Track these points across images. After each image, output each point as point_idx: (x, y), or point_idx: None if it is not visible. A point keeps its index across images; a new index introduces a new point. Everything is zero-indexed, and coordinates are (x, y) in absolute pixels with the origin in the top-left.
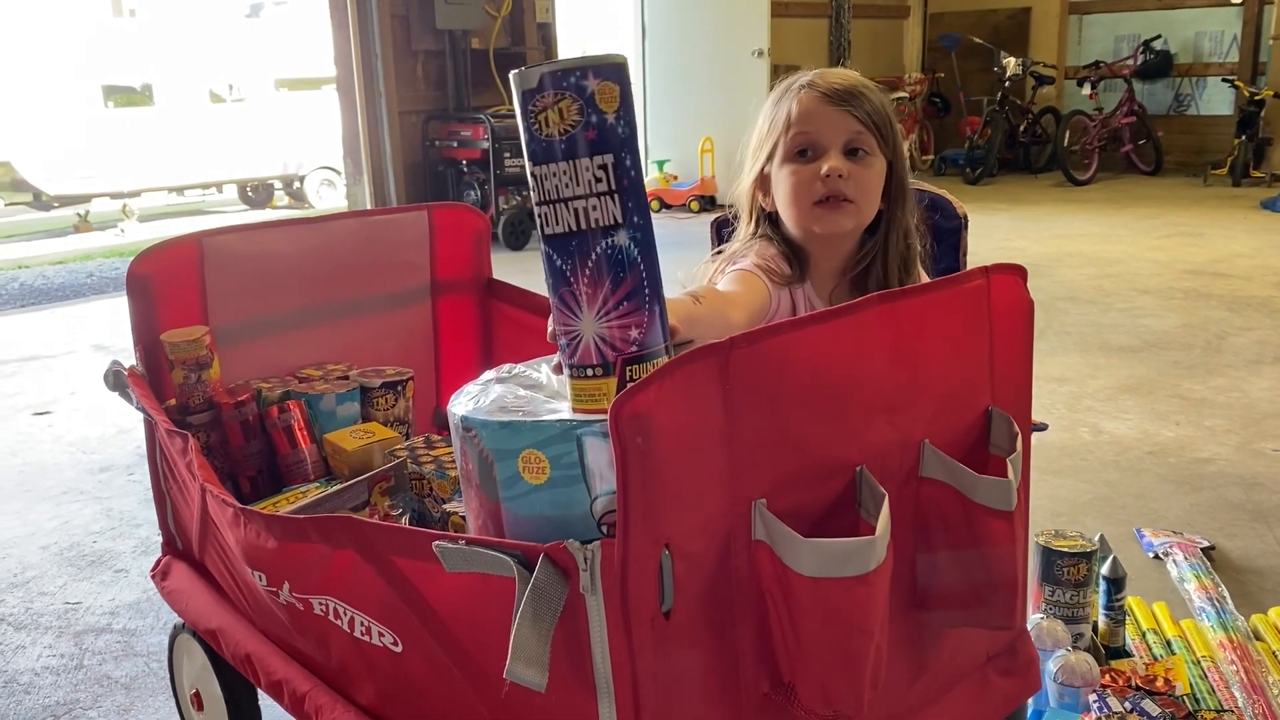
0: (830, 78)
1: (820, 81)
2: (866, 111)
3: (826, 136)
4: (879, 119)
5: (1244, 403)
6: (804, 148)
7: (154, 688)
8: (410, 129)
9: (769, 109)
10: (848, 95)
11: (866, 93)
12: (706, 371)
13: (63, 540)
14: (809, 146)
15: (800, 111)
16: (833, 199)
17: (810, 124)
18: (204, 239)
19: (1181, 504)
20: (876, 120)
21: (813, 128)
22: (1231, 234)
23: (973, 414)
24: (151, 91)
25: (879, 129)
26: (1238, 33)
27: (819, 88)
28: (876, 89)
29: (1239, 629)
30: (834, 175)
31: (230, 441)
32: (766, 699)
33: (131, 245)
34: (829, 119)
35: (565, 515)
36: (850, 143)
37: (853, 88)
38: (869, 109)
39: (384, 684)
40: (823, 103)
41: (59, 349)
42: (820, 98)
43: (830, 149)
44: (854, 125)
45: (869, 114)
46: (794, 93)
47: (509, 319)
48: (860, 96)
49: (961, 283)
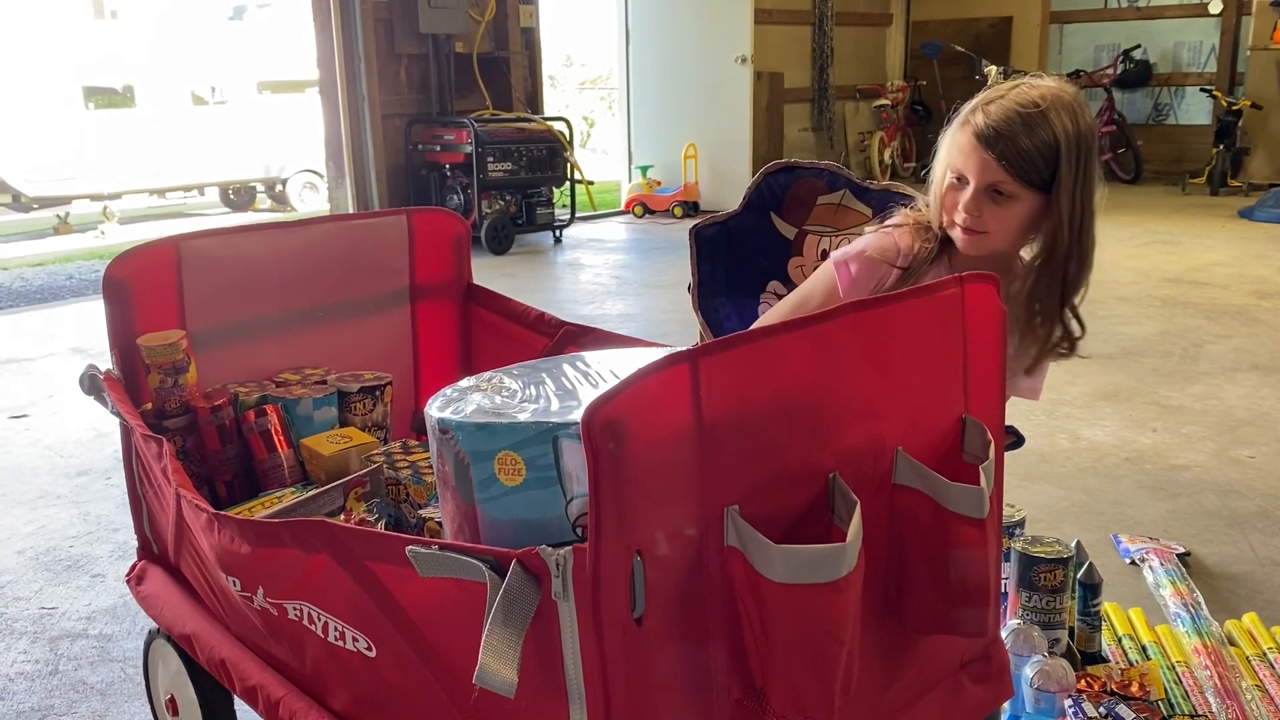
0: (991, 113)
1: (978, 118)
2: (1017, 152)
3: (972, 173)
4: (1029, 159)
5: (1220, 410)
6: (959, 176)
7: (129, 693)
8: (393, 132)
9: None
10: (995, 138)
11: (1019, 133)
12: (678, 378)
13: (39, 545)
14: (960, 177)
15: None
16: (968, 229)
17: (962, 162)
18: (181, 242)
19: (1158, 510)
20: (1026, 161)
21: (963, 166)
22: (1209, 243)
23: (946, 421)
24: (133, 93)
25: (1025, 170)
26: (1216, 43)
27: (974, 125)
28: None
29: (1213, 634)
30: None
31: (206, 446)
32: (739, 704)
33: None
34: (975, 160)
35: (540, 518)
36: (992, 185)
37: (1003, 128)
38: (1021, 149)
39: (358, 689)
40: (975, 142)
41: (37, 351)
42: (973, 137)
43: (973, 185)
44: (996, 173)
45: (1019, 155)
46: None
47: (488, 325)
48: (1006, 138)
49: (935, 291)
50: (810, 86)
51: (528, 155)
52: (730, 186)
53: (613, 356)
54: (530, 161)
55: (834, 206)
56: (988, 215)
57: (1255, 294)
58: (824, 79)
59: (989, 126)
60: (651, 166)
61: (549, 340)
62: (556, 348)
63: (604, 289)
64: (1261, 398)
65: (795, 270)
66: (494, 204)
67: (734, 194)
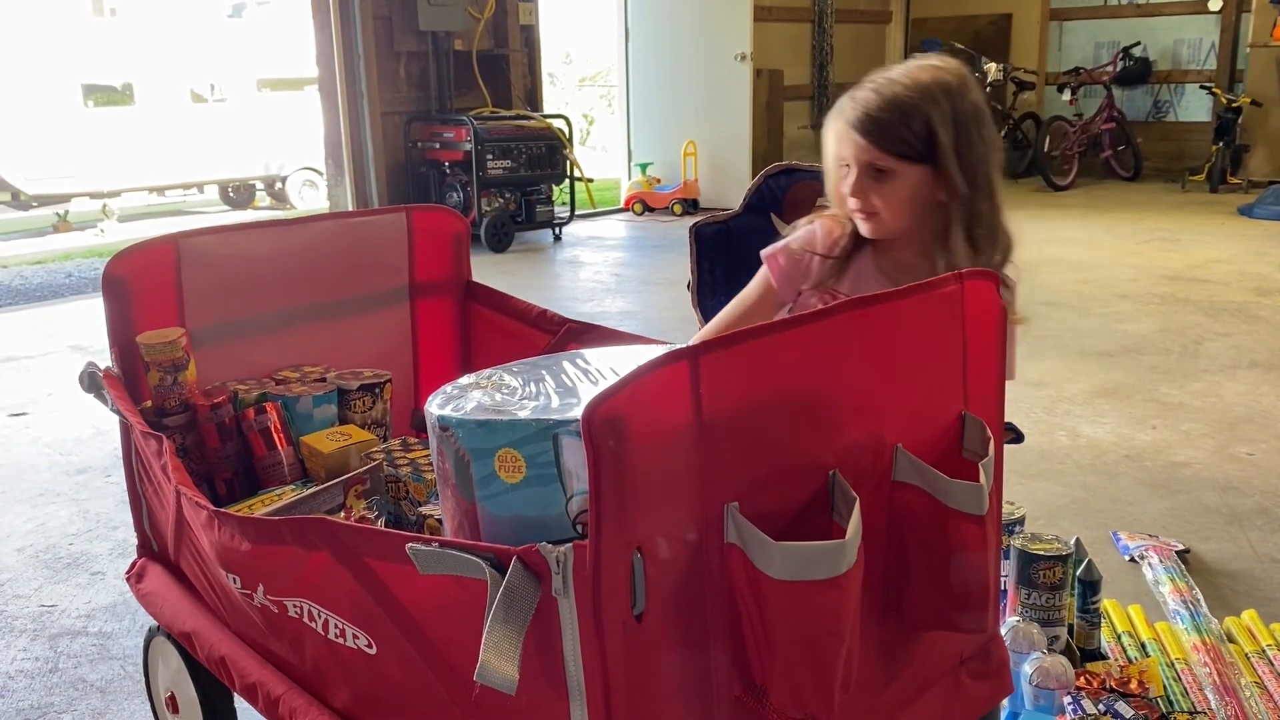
0: (857, 98)
1: (845, 104)
2: (882, 128)
3: (850, 158)
4: (895, 133)
5: (1220, 407)
6: (844, 164)
7: (129, 691)
8: (392, 130)
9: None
10: (860, 119)
11: (882, 110)
12: (678, 375)
13: (38, 542)
14: (844, 164)
15: (835, 136)
16: (860, 212)
17: (841, 149)
18: (181, 240)
19: (1157, 507)
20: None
21: (843, 153)
22: (1209, 240)
23: (946, 418)
24: (132, 91)
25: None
26: (1215, 40)
27: (843, 111)
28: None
29: (1213, 631)
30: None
31: (206, 444)
32: (738, 701)
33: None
34: (849, 144)
35: (541, 515)
36: (870, 165)
37: (868, 107)
38: (884, 123)
39: (358, 686)
40: (846, 127)
41: (36, 349)
42: (843, 123)
43: (853, 168)
44: (868, 151)
45: (884, 130)
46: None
47: (488, 322)
48: (871, 117)
49: (935, 288)
50: (810, 84)
51: (527, 153)
52: (730, 184)
53: (613, 354)
54: (530, 159)
55: None
56: (874, 196)
57: (1255, 291)
58: (824, 76)
59: (854, 108)
60: (651, 164)
61: (550, 338)
62: (558, 345)
63: (603, 286)
64: (1261, 395)
65: None
66: (493, 202)
67: (734, 191)
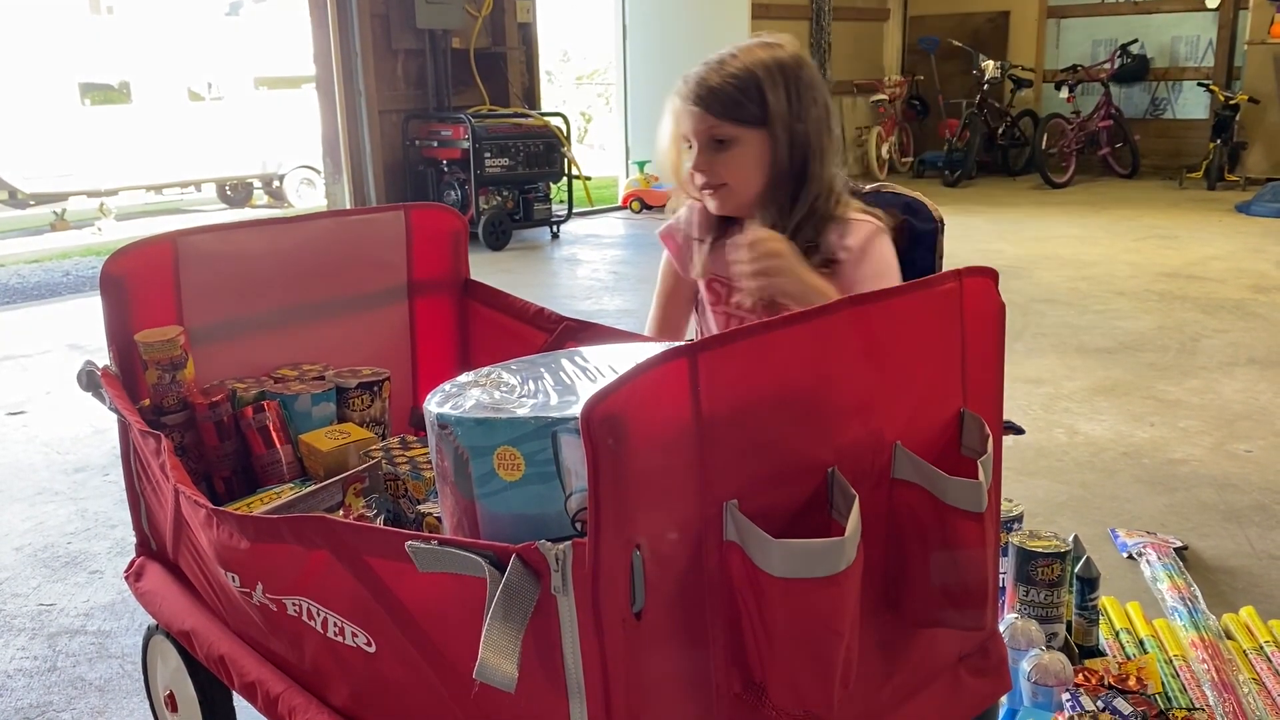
0: (690, 76)
1: (680, 83)
2: (715, 94)
3: (690, 131)
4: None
5: (1217, 404)
6: (686, 142)
7: (128, 690)
8: (390, 128)
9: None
10: (694, 89)
11: (714, 78)
12: (677, 373)
13: (36, 541)
14: (687, 142)
15: (673, 115)
16: (707, 186)
17: (680, 126)
18: (179, 238)
19: (1155, 504)
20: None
21: (683, 129)
22: (1206, 237)
23: (945, 416)
24: (129, 89)
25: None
26: (1213, 37)
27: (679, 91)
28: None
29: (1211, 628)
30: (699, 169)
31: (205, 442)
32: (738, 699)
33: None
34: (687, 117)
35: (540, 512)
36: (709, 135)
37: (701, 77)
38: (717, 89)
39: (358, 685)
40: (683, 102)
41: (34, 348)
42: (679, 98)
43: (695, 142)
44: (706, 120)
45: (717, 96)
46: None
47: (486, 320)
48: (704, 85)
49: (934, 285)
50: None
51: (525, 151)
52: None
53: (611, 352)
54: (528, 157)
55: None
56: (719, 168)
57: (1252, 288)
58: (822, 74)
59: (688, 82)
60: (649, 162)
61: (548, 335)
62: (556, 343)
63: (601, 284)
64: (1259, 392)
65: None
66: (491, 200)
67: None
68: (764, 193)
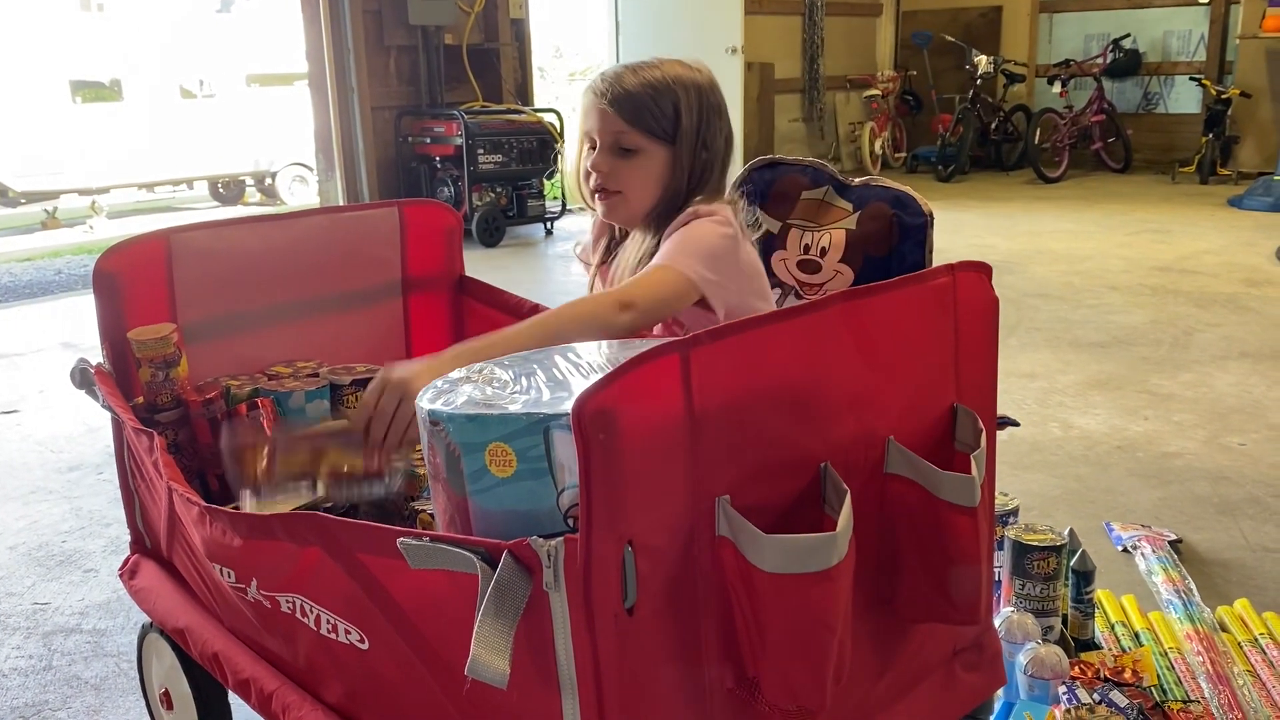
0: (608, 75)
1: (595, 79)
2: (631, 100)
3: (596, 130)
4: (644, 106)
5: (1210, 398)
6: (590, 141)
7: (124, 688)
8: (383, 125)
9: None
10: (608, 88)
11: (630, 82)
12: (669, 369)
13: (31, 540)
14: (590, 141)
15: (582, 111)
16: (601, 189)
17: (587, 123)
18: (172, 236)
19: (1149, 498)
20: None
21: (589, 127)
22: (1199, 231)
23: (938, 410)
24: (120, 87)
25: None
26: (1205, 32)
27: (595, 87)
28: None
29: (1205, 621)
30: (596, 169)
31: (198, 440)
32: (731, 694)
33: (100, 242)
34: (595, 116)
35: (532, 509)
36: (616, 139)
37: (617, 78)
38: (633, 95)
39: (351, 682)
40: (594, 99)
41: (26, 347)
42: (591, 94)
43: (599, 142)
44: (615, 122)
45: (632, 102)
46: (583, 92)
47: (481, 317)
48: (619, 87)
49: (927, 280)
50: (801, 77)
51: (518, 147)
52: None
53: (603, 347)
54: (521, 153)
55: (816, 202)
56: (621, 174)
57: (1245, 282)
58: (815, 69)
59: (606, 83)
60: None
61: None
62: None
63: None
64: (1251, 385)
65: (778, 263)
66: (485, 196)
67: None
68: (653, 208)
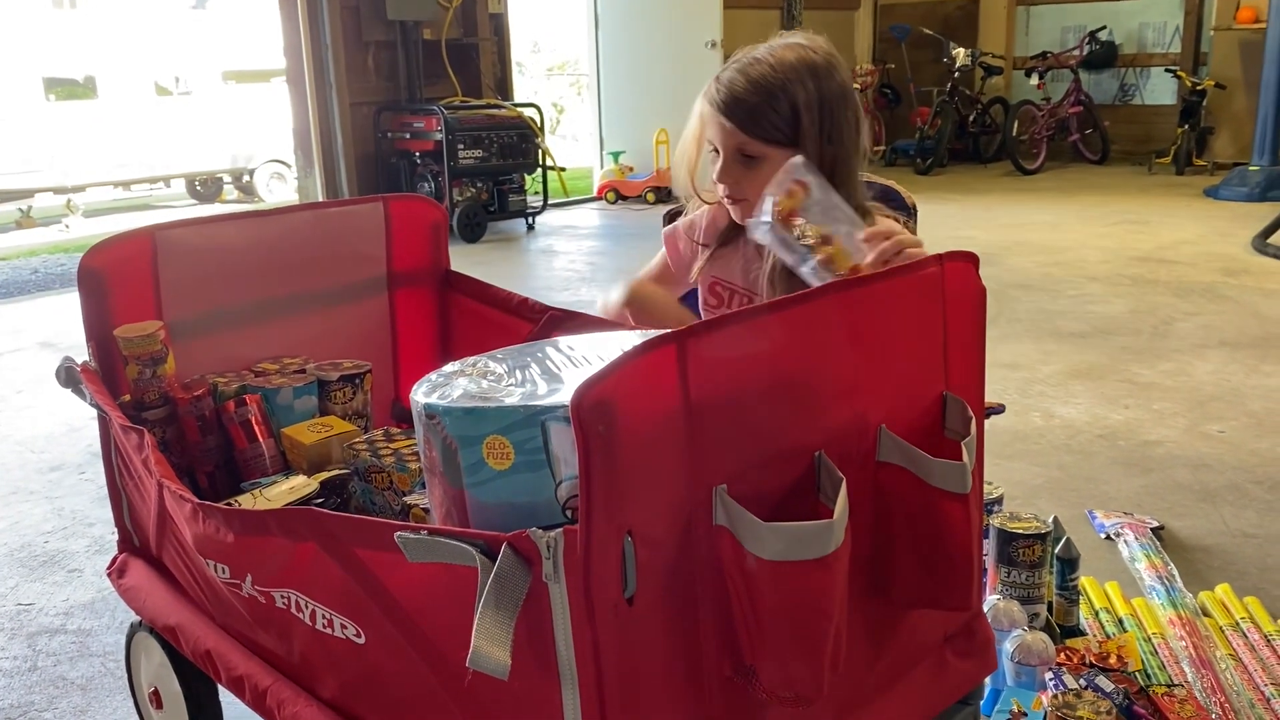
0: (723, 80)
1: (712, 88)
2: (748, 112)
3: (717, 142)
4: (762, 116)
5: (1190, 386)
6: (713, 148)
7: (111, 688)
8: (362, 121)
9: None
10: (725, 102)
11: (747, 93)
12: (666, 360)
13: (13, 541)
14: (714, 149)
15: (703, 121)
16: (730, 199)
17: (709, 133)
18: (157, 232)
19: (1131, 485)
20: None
21: (711, 137)
22: (1176, 221)
23: (928, 399)
24: (94, 84)
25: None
26: (1180, 24)
27: (711, 97)
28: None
29: (1188, 606)
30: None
31: (187, 437)
32: (729, 682)
33: (77, 241)
34: (716, 128)
35: (530, 501)
36: (737, 150)
37: (733, 89)
38: (751, 107)
39: (347, 677)
40: (713, 110)
41: (4, 346)
42: (710, 106)
43: (721, 153)
44: (735, 136)
45: (750, 114)
46: (701, 96)
47: (467, 311)
48: (737, 99)
49: (916, 270)
50: None
51: (499, 142)
52: None
53: (597, 340)
54: (501, 148)
55: None
56: (744, 182)
57: (1222, 271)
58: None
59: (719, 91)
60: (623, 152)
61: (532, 325)
62: (541, 332)
63: (578, 275)
64: (1230, 373)
65: None
66: (465, 191)
67: None
68: None
